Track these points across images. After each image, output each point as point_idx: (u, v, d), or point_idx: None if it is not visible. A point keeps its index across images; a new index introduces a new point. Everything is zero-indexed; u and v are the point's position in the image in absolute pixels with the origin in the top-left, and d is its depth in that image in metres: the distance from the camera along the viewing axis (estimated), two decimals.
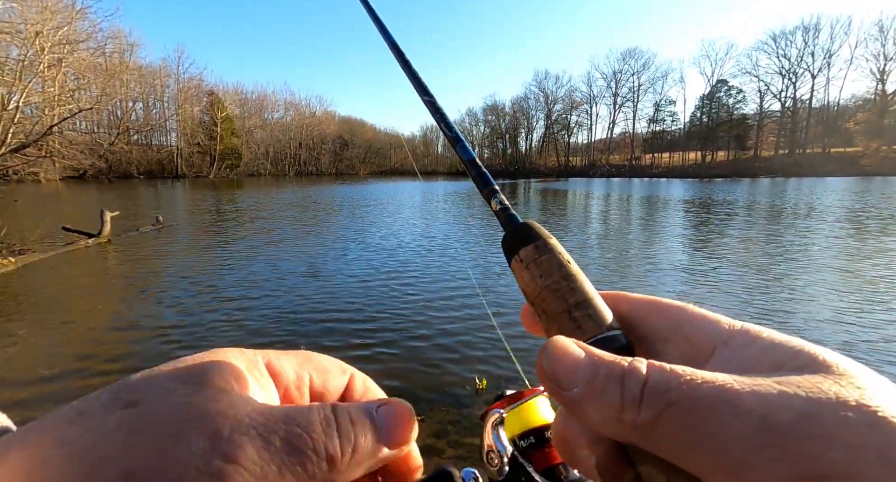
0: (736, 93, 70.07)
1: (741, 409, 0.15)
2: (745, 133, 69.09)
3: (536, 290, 0.25)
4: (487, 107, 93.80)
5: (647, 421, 0.17)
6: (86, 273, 7.13)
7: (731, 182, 44.81)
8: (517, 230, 0.28)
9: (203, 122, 62.37)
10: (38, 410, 2.99)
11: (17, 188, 25.87)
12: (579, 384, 0.19)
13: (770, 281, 6.19)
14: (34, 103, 23.01)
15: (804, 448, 0.14)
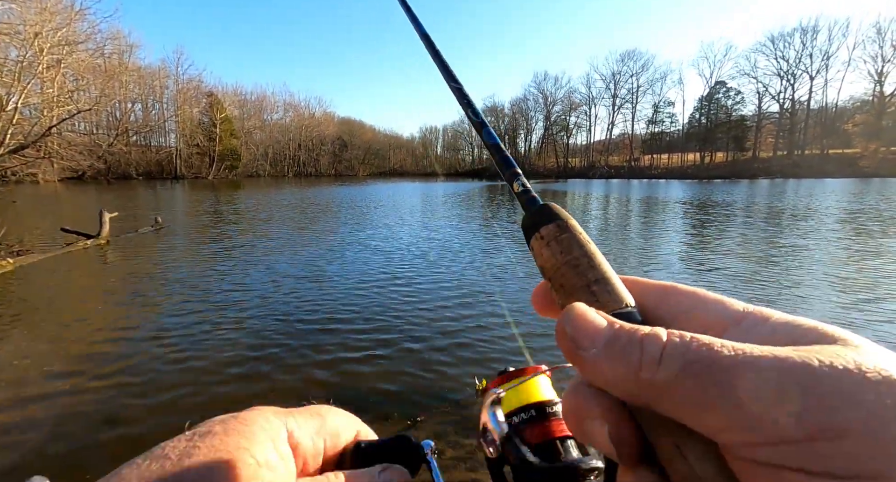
0: (734, 94, 70.31)
1: (761, 368, 0.15)
2: (744, 134, 69.28)
3: (557, 265, 0.25)
4: (487, 108, 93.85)
5: (665, 379, 0.17)
6: (84, 274, 7.13)
7: (729, 183, 44.92)
8: (540, 209, 0.28)
9: (202, 123, 62.34)
10: (33, 412, 3.00)
11: (15, 189, 25.84)
12: (598, 345, 0.19)
13: (768, 283, 6.21)
14: (33, 104, 22.98)
15: (824, 404, 0.14)
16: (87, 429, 2.76)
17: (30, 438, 2.66)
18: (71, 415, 2.90)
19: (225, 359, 3.76)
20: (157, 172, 57.37)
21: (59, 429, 2.75)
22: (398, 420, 2.84)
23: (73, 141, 35.36)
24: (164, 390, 3.23)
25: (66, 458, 2.49)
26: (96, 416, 2.89)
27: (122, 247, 9.25)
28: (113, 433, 2.71)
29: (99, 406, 3.02)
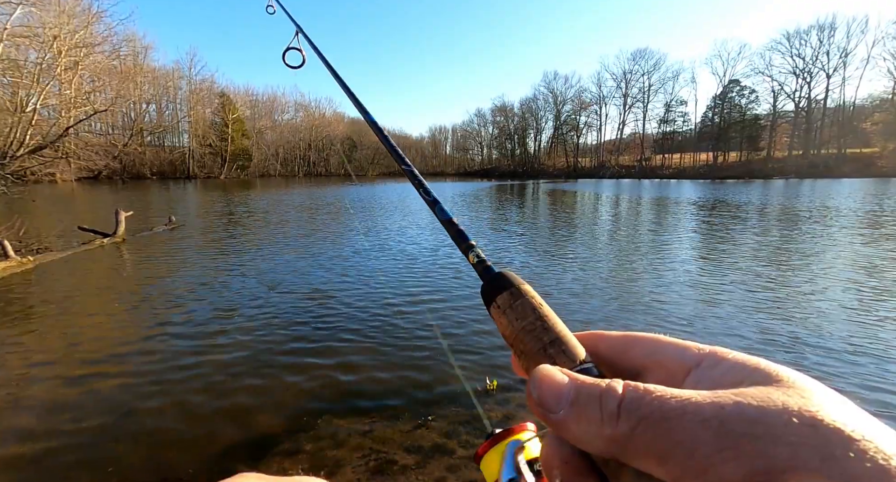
0: (748, 93, 69.21)
1: (704, 418, 0.17)
2: (758, 133, 68.17)
3: (514, 333, 0.27)
4: (496, 107, 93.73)
5: (624, 433, 0.19)
6: (101, 272, 7.27)
7: (743, 183, 44.27)
8: (493, 279, 0.30)
9: (214, 124, 63.10)
10: (56, 406, 3.07)
11: (34, 188, 26.40)
12: (564, 406, 0.21)
13: (781, 287, 6.13)
14: (51, 105, 23.50)
15: (755, 447, 0.16)
16: (106, 421, 2.82)
17: (53, 428, 2.74)
18: (92, 406, 2.97)
19: (236, 358, 3.82)
20: (170, 172, 58.18)
21: (77, 422, 2.82)
22: (408, 419, 2.86)
23: (89, 141, 36.03)
24: (177, 384, 3.29)
25: (83, 451, 2.55)
26: (115, 410, 2.95)
27: (137, 246, 9.42)
28: (129, 427, 2.78)
29: (115, 399, 3.09)
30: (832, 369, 3.53)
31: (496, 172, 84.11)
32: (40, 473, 2.37)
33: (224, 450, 2.55)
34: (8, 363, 3.69)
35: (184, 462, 2.44)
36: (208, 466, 2.40)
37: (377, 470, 2.38)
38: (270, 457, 2.48)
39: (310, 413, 2.93)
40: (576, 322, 4.69)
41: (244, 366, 3.62)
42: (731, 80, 70.22)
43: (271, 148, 72.99)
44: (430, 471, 2.36)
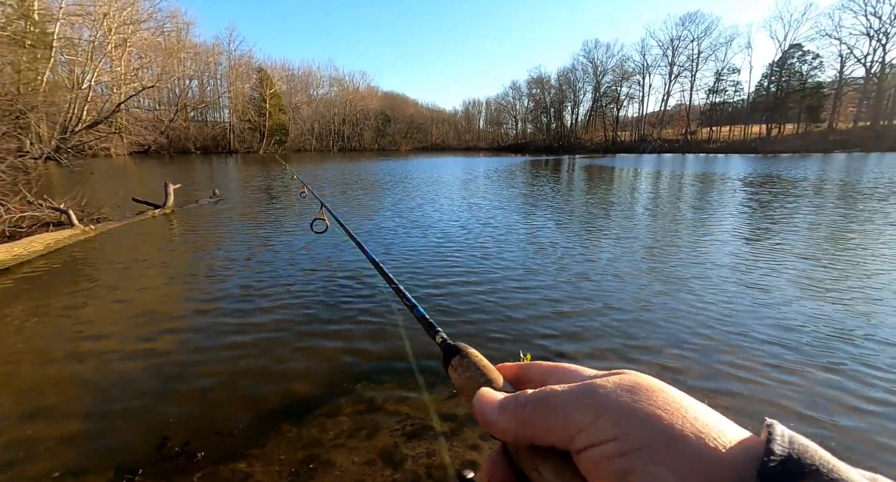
0: (812, 58, 63.42)
1: (570, 394, 0.27)
2: (819, 103, 62.75)
3: (462, 381, 0.39)
4: (532, 79, 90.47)
5: (528, 414, 0.28)
6: (154, 242, 7.73)
7: (799, 157, 41.21)
8: (450, 349, 0.42)
9: (253, 99, 64.33)
10: (120, 365, 3.34)
11: (92, 162, 28.07)
12: (495, 410, 0.31)
13: (836, 270, 5.76)
14: (104, 82, 24.77)
15: (592, 401, 0.26)
16: (160, 384, 3.06)
17: (111, 387, 3.00)
18: (149, 370, 3.23)
19: (280, 325, 4.01)
20: (212, 147, 60.17)
21: (133, 382, 3.08)
22: (443, 388, 2.94)
23: (138, 117, 37.73)
24: (224, 349, 3.51)
25: (139, 412, 2.78)
26: (169, 373, 3.19)
27: (185, 217, 9.92)
28: (181, 389, 3.00)
29: (169, 362, 3.33)
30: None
31: (530, 147, 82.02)
32: (99, 433, 2.62)
33: (270, 411, 2.72)
34: (80, 320, 4.04)
35: (234, 421, 2.62)
36: (256, 424, 2.57)
37: (413, 434, 2.48)
38: (313, 418, 2.62)
39: (348, 378, 3.06)
40: (611, 309, 4.62)
41: (287, 333, 3.80)
42: (793, 44, 64.48)
43: (307, 123, 73.95)
44: (464, 438, 2.44)
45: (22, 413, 2.67)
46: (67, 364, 3.27)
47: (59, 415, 2.66)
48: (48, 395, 2.85)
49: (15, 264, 5.84)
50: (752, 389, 2.92)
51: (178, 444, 2.38)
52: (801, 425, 2.55)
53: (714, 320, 4.03)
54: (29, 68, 20.93)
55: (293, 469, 2.22)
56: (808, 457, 0.19)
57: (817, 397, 2.83)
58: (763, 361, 3.28)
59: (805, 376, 3.07)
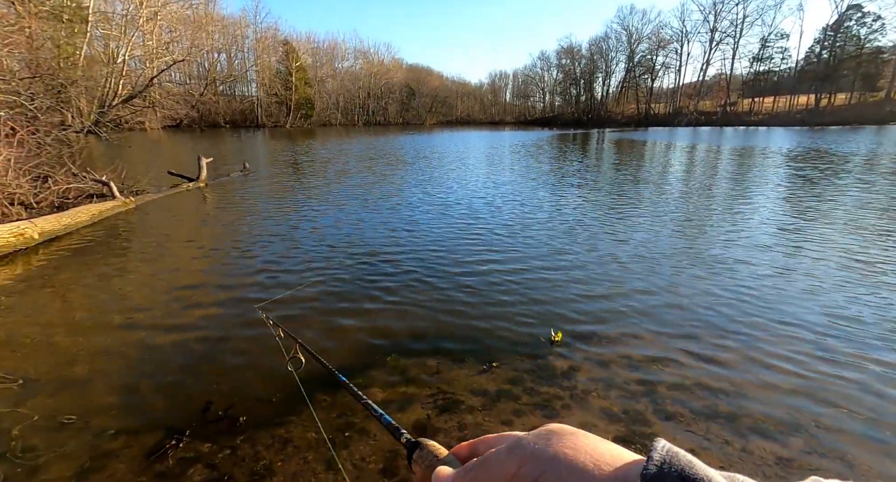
0: (872, 20, 57.98)
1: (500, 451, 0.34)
2: (878, 70, 57.67)
3: (422, 470, 0.45)
4: (562, 49, 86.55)
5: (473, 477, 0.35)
6: (189, 214, 7.97)
7: (850, 130, 38.46)
8: (411, 445, 0.50)
9: (279, 72, 64.25)
10: (160, 334, 3.49)
11: (128, 135, 28.94)
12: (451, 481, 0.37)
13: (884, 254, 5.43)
14: (137, 56, 25.24)
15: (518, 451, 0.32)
16: (203, 349, 3.20)
17: (154, 351, 3.16)
18: (196, 327, 3.38)
19: (311, 295, 4.10)
20: (241, 121, 60.88)
21: (177, 349, 3.22)
22: (474, 363, 2.96)
23: (171, 91, 38.42)
24: (257, 322, 3.62)
25: (184, 378, 2.92)
26: (206, 339, 3.33)
27: (218, 190, 10.16)
28: (224, 355, 3.12)
29: (204, 329, 3.47)
30: None
31: (558, 120, 79.49)
32: (148, 396, 2.76)
33: (305, 380, 2.81)
34: (126, 287, 4.24)
35: (272, 389, 2.72)
36: (293, 393, 2.67)
37: (445, 408, 2.52)
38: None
39: (379, 351, 3.12)
40: (636, 292, 4.51)
41: (318, 303, 3.89)
42: (851, 5, 59.00)
43: (332, 96, 73.64)
44: (496, 414, 2.47)
45: (77, 376, 2.85)
46: (116, 330, 3.45)
47: (110, 378, 2.82)
48: (100, 360, 3.03)
49: (64, 234, 6.14)
50: (797, 383, 2.83)
51: (221, 409, 2.50)
52: (851, 422, 2.46)
53: (754, 306, 3.89)
54: (67, 43, 21.45)
55: (329, 436, 2.30)
56: (676, 463, 0.24)
57: (868, 393, 2.71)
58: (810, 353, 3.15)
59: (858, 369, 2.94)
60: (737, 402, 2.55)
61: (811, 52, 64.01)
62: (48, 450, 2.19)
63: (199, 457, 2.15)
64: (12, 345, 3.21)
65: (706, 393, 2.64)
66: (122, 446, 2.22)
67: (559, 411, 2.48)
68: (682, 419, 2.42)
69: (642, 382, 2.75)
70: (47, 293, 4.18)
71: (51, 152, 8.93)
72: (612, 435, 2.30)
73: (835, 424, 2.37)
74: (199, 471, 2.08)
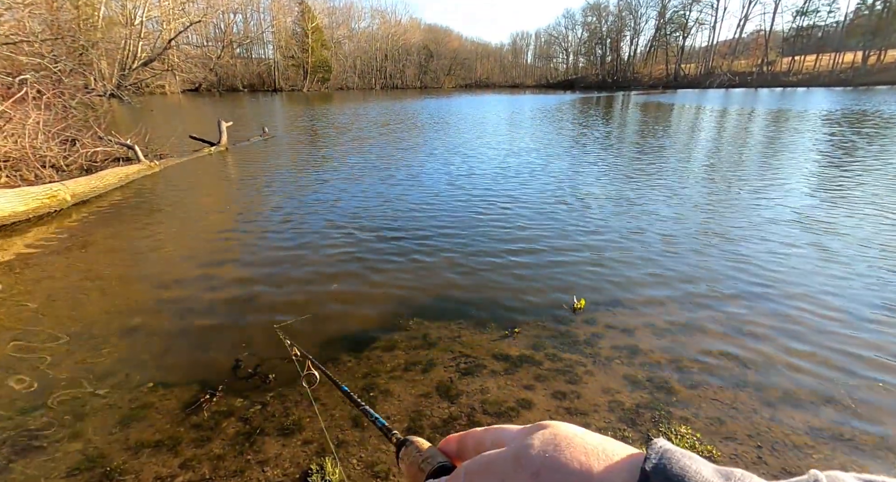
0: None
1: (502, 458, 0.31)
2: None
3: (406, 466, 0.44)
4: (588, 6, 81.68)
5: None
6: (213, 176, 8.04)
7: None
8: (399, 443, 0.48)
9: (295, 34, 62.77)
10: (193, 287, 3.58)
11: (150, 99, 29.08)
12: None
13: None
14: (154, 17, 24.90)
15: (526, 461, 0.29)
16: (231, 308, 3.28)
17: (187, 305, 3.26)
18: (226, 285, 3.47)
19: (331, 260, 4.14)
20: (258, 85, 60.33)
21: (206, 308, 3.31)
22: (495, 329, 2.97)
23: (189, 53, 38.09)
24: (283, 283, 3.69)
25: (215, 335, 3.01)
26: (237, 298, 3.41)
27: (238, 154, 10.19)
28: (250, 315, 3.20)
29: (234, 290, 3.55)
30: None
31: (582, 83, 76.20)
32: (182, 351, 2.86)
33: (330, 341, 2.87)
34: (158, 247, 4.36)
35: (305, 342, 2.79)
36: (318, 353, 2.73)
37: (467, 371, 2.55)
38: (370, 350, 2.75)
39: (401, 315, 3.16)
40: (660, 261, 4.39)
41: (339, 268, 3.93)
42: None
43: (349, 59, 71.93)
44: (518, 378, 2.48)
45: (115, 332, 2.97)
46: (150, 290, 3.56)
47: (146, 336, 2.94)
48: (135, 316, 3.15)
49: (93, 196, 6.29)
50: (827, 356, 2.75)
51: (251, 366, 2.59)
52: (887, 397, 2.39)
53: (784, 275, 3.75)
54: (86, 4, 21.22)
55: (355, 395, 2.36)
56: (671, 465, 0.24)
57: None
58: (845, 320, 3.05)
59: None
60: (765, 373, 2.51)
61: (863, 3, 58.85)
62: (92, 400, 2.32)
63: (232, 412, 2.25)
64: (52, 303, 3.36)
65: (734, 363, 2.60)
66: (160, 399, 2.34)
67: (582, 377, 2.48)
68: (709, 388, 2.40)
69: (666, 350, 2.72)
70: (82, 254, 4.33)
71: (77, 116, 9.04)
72: (636, 401, 2.30)
73: (867, 398, 2.31)
74: (232, 423, 2.17)
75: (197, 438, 2.08)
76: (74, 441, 2.07)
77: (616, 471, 0.26)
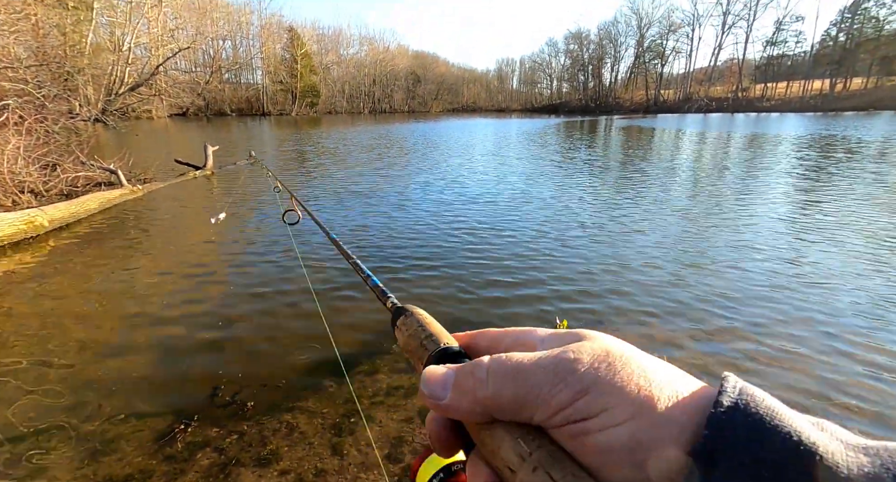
0: (893, 1, 56.30)
1: (544, 366, 0.25)
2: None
3: (404, 339, 0.38)
4: (571, 35, 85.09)
5: (494, 391, 0.25)
6: (196, 202, 7.99)
7: (865, 116, 37.56)
8: (397, 310, 0.42)
9: (284, 60, 63.87)
10: (171, 310, 3.52)
11: (136, 124, 29.03)
12: (448, 389, 0.27)
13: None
14: (143, 44, 25.18)
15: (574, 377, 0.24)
16: (210, 335, 3.22)
17: (165, 330, 3.19)
18: (205, 313, 3.41)
19: (316, 283, 4.11)
20: (247, 109, 60.84)
21: (185, 334, 3.25)
22: None
23: (177, 79, 38.36)
24: (267, 306, 3.65)
25: (192, 363, 2.94)
26: (218, 325, 3.35)
27: (224, 178, 10.17)
28: (230, 342, 3.15)
29: (218, 315, 3.49)
30: None
31: (566, 108, 78.45)
32: (158, 380, 2.79)
33: (312, 367, 2.82)
34: (135, 274, 4.28)
35: (278, 375, 2.74)
36: (299, 379, 2.68)
37: None
38: (352, 375, 2.71)
39: (383, 340, 3.13)
40: (642, 281, 4.46)
41: (323, 294, 3.90)
42: None
43: (337, 84, 73.15)
44: None
45: (87, 361, 2.89)
46: (125, 317, 3.48)
47: (120, 364, 2.86)
48: (109, 344, 3.07)
49: (73, 221, 6.19)
50: (816, 367, 2.80)
51: (229, 394, 2.53)
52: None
53: (762, 293, 3.84)
54: (73, 30, 21.40)
55: (335, 421, 2.31)
56: (753, 405, 0.20)
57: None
58: (817, 345, 3.11)
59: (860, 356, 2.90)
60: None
61: (827, 35, 62.46)
62: (60, 433, 2.23)
63: (208, 442, 2.18)
64: (24, 331, 3.26)
65: (712, 380, 2.62)
66: (133, 430, 2.26)
67: None
68: None
69: None
70: (55, 281, 4.23)
71: (59, 140, 8.98)
72: None
73: None
74: (207, 454, 2.10)
75: (169, 471, 2.01)
76: (38, 478, 1.98)
77: (682, 407, 0.22)
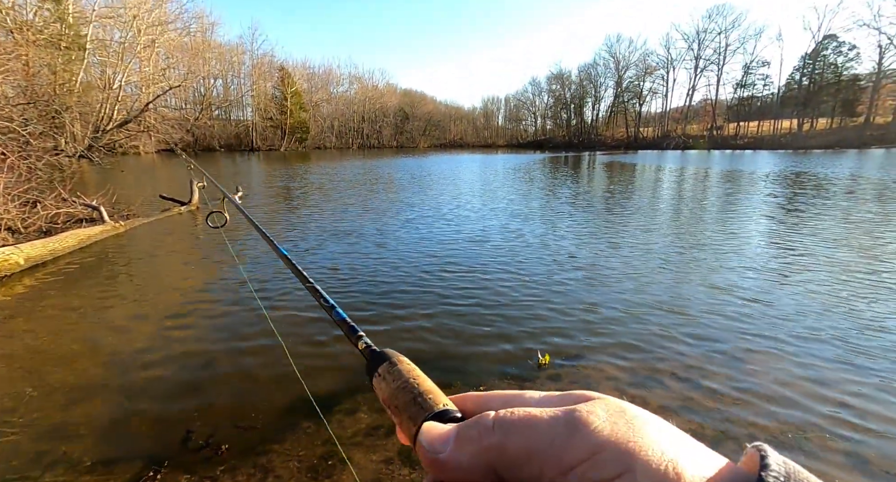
0: (848, 49, 60.59)
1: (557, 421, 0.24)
2: (856, 97, 59.88)
3: (390, 391, 0.33)
4: (552, 75, 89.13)
5: (500, 440, 0.25)
6: (180, 237, 7.94)
7: (832, 154, 39.56)
8: (376, 356, 0.36)
9: (275, 97, 65.34)
10: (149, 354, 3.44)
11: (122, 160, 29.01)
12: (449, 444, 0.26)
13: (874, 279, 5.53)
14: (133, 82, 25.67)
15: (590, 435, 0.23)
16: (184, 376, 3.15)
17: (145, 372, 3.10)
18: (180, 354, 3.33)
19: (296, 323, 4.08)
20: (235, 144, 61.44)
21: (159, 376, 3.17)
22: (461, 388, 2.94)
23: (166, 116, 38.82)
24: (244, 345, 3.59)
25: (165, 406, 2.87)
26: (194, 365, 3.28)
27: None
28: (205, 383, 3.08)
29: (195, 355, 3.42)
30: None
31: (550, 144, 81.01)
32: (128, 424, 2.70)
33: (289, 407, 2.77)
34: (110, 314, 4.19)
35: (254, 416, 2.68)
36: (276, 420, 2.62)
37: None
38: (331, 415, 2.66)
39: (363, 378, 3.09)
40: (623, 317, 4.53)
41: (303, 332, 3.86)
42: (828, 35, 61.74)
43: (327, 120, 74.75)
44: None
45: (55, 405, 2.78)
46: (99, 356, 3.39)
47: (89, 408, 2.76)
48: (77, 388, 2.97)
49: (51, 259, 6.08)
50: (805, 390, 2.83)
51: (203, 438, 2.45)
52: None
53: (744, 326, 3.92)
54: (64, 70, 21.76)
55: (313, 464, 2.25)
56: None
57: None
58: (803, 377, 3.17)
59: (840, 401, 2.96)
60: (725, 419, 2.55)
61: (792, 79, 66.45)
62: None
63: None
64: None
65: (693, 417, 2.64)
66: (99, 478, 2.16)
67: None
68: None
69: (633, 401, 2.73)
70: (26, 322, 4.11)
71: (41, 177, 8.94)
72: None
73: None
74: None
75: None
76: None
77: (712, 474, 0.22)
